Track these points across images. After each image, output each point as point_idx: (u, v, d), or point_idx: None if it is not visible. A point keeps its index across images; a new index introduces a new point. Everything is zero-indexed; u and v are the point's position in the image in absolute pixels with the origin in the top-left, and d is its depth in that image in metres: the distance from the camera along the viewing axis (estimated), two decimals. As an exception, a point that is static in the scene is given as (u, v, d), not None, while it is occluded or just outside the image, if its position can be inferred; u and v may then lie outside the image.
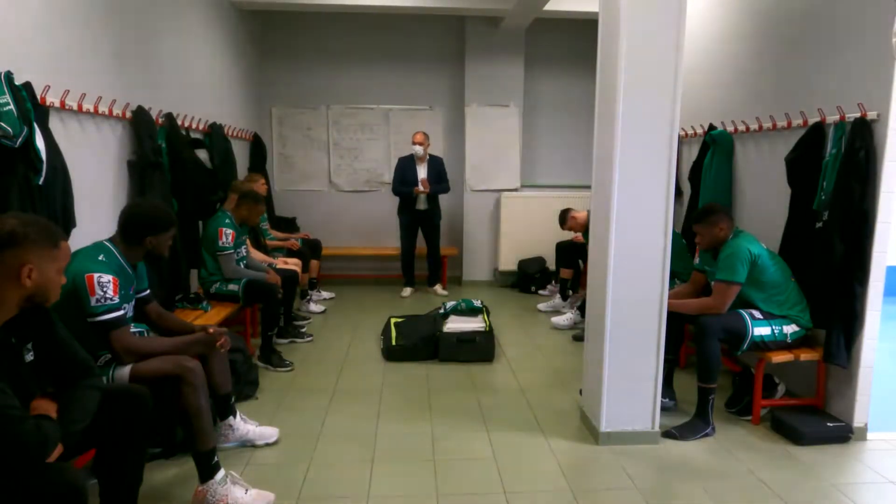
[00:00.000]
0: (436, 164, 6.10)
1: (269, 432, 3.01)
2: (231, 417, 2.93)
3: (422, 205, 6.06)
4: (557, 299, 5.72)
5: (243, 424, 2.96)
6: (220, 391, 2.86)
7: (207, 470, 2.44)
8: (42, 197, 2.54)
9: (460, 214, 6.84)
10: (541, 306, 5.75)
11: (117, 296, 2.41)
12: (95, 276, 2.36)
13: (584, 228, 5.20)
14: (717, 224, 3.27)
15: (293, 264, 4.93)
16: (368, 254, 6.71)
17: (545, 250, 5.81)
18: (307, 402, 3.53)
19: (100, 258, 2.44)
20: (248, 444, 2.96)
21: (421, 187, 5.92)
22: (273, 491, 2.51)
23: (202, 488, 2.43)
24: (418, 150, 5.95)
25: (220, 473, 2.46)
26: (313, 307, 5.52)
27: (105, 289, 2.37)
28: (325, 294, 6.02)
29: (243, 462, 2.82)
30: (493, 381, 3.96)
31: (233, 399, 2.97)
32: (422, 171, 6.01)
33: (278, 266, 4.70)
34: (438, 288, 6.32)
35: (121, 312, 2.43)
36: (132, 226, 2.55)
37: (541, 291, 6.39)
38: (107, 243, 2.54)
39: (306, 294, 5.54)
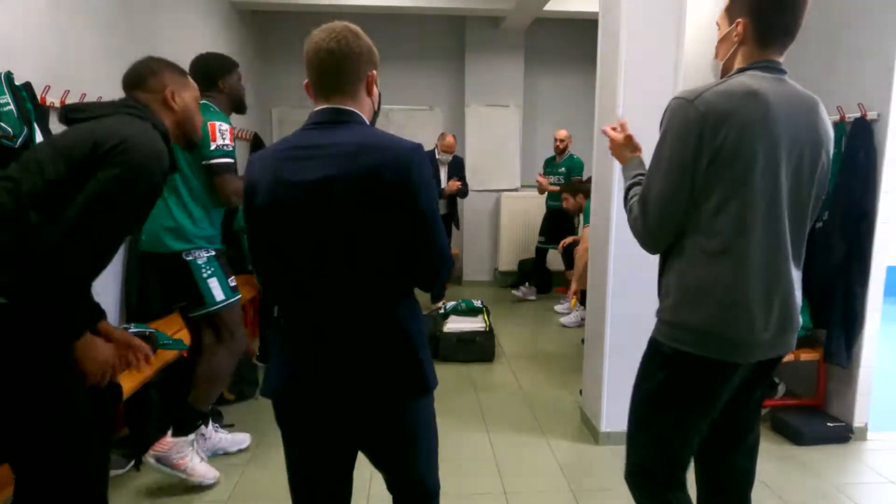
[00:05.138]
0: (458, 164, 5.90)
1: (240, 438, 2.93)
2: (203, 426, 2.77)
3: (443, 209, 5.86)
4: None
5: (215, 433, 2.85)
6: None
7: (187, 426, 2.52)
8: (42, 197, 2.54)
9: (460, 214, 6.83)
10: (558, 307, 5.72)
11: (232, 143, 2.56)
12: (217, 124, 2.49)
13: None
14: None
15: None
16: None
17: (545, 250, 5.85)
18: (307, 402, 3.52)
19: (211, 110, 2.57)
20: (220, 453, 2.83)
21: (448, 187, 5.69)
22: (273, 491, 2.52)
23: (172, 440, 2.47)
24: (445, 157, 5.73)
25: (192, 437, 2.53)
26: None
27: (224, 136, 2.51)
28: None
29: (243, 462, 2.82)
30: (493, 381, 3.96)
31: (209, 408, 2.86)
32: (443, 172, 5.80)
33: None
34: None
35: (233, 160, 2.55)
36: (204, 71, 2.63)
37: (514, 292, 6.28)
38: (205, 101, 2.57)
39: None
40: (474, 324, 4.44)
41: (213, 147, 2.47)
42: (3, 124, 2.29)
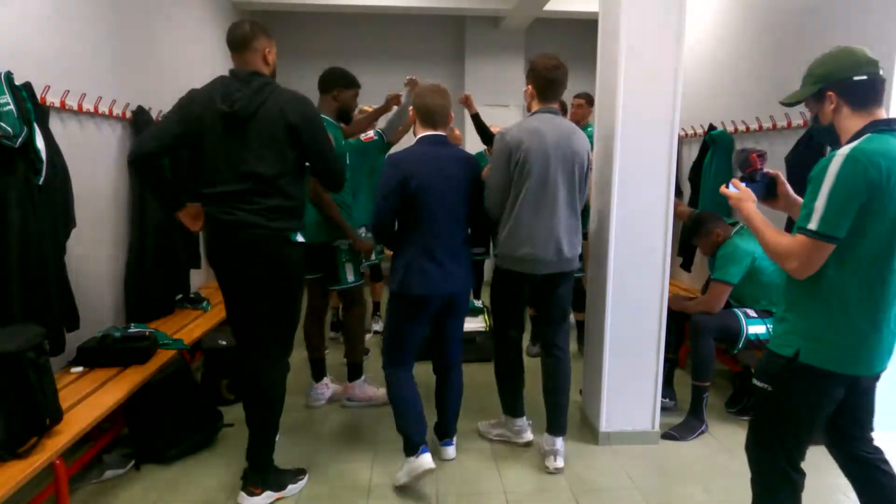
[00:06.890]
0: None
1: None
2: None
3: None
4: None
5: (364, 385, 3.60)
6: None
7: (356, 374, 3.46)
8: (42, 197, 2.55)
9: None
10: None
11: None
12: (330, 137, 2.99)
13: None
14: (712, 232, 3.28)
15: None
16: (368, 254, 6.70)
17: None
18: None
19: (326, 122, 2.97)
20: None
21: None
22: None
23: (351, 384, 3.46)
24: None
25: (363, 378, 3.49)
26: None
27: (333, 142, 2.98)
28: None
29: (240, 454, 2.81)
30: (494, 381, 3.95)
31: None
32: None
33: None
34: None
35: None
36: (327, 78, 3.20)
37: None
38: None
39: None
40: (474, 324, 4.43)
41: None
42: (3, 124, 2.30)
